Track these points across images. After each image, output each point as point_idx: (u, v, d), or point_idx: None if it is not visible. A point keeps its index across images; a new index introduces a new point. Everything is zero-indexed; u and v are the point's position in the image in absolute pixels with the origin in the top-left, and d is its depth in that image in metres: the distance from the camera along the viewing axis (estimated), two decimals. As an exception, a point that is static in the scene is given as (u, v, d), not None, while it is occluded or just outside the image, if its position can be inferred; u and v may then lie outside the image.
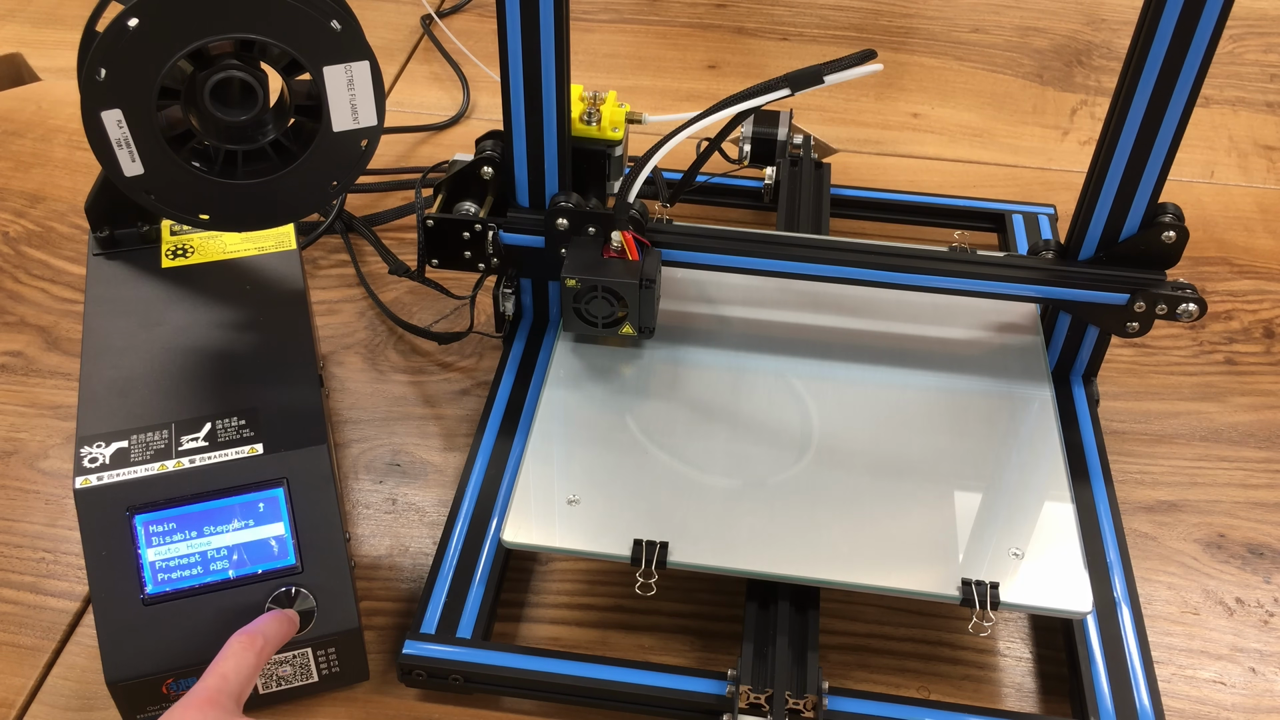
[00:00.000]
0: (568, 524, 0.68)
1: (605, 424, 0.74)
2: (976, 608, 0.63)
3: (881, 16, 1.31)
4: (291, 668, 0.65)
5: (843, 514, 0.68)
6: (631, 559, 0.66)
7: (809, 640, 0.66)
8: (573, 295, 0.75)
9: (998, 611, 0.63)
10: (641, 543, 0.66)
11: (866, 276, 0.78)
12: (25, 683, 0.69)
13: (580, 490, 0.70)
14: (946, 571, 0.65)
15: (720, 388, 0.77)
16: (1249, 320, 0.94)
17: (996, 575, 0.64)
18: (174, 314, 0.71)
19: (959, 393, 0.76)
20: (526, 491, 0.70)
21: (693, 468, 0.71)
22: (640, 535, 0.67)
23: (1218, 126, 1.16)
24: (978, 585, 0.64)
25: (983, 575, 0.64)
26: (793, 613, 0.68)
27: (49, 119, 1.13)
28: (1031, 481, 0.71)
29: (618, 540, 0.67)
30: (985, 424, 0.74)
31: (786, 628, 0.67)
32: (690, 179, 0.81)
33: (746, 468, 0.71)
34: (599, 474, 0.71)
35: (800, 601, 0.69)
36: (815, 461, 0.71)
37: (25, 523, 0.78)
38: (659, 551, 0.66)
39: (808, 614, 0.68)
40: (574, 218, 0.77)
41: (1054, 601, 0.64)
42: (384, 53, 1.21)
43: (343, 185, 0.68)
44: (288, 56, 0.63)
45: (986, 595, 0.63)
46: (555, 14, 0.71)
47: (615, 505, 0.69)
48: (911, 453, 0.72)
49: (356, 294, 0.95)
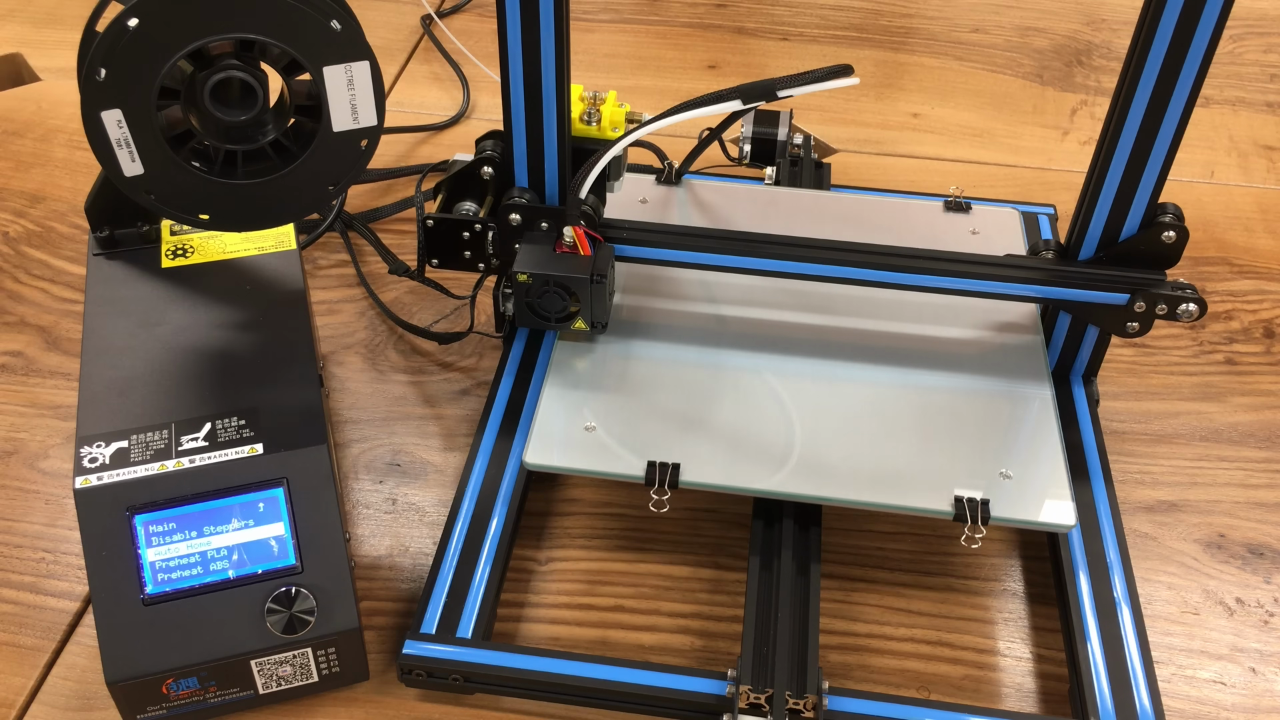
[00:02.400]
0: (586, 448, 0.72)
1: (620, 359, 0.77)
2: (968, 522, 0.68)
3: (881, 16, 1.31)
4: (291, 668, 0.65)
5: (844, 440, 0.73)
6: (645, 479, 0.70)
7: (809, 640, 0.67)
8: (525, 290, 0.76)
9: (987, 526, 0.68)
10: (655, 464, 0.70)
11: (867, 277, 0.78)
12: (25, 683, 0.69)
13: (597, 419, 0.73)
14: (940, 491, 0.69)
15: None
16: (1249, 320, 0.94)
17: (987, 494, 0.69)
18: (174, 314, 0.71)
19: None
20: (547, 418, 0.74)
21: (702, 402, 0.75)
22: (654, 458, 0.70)
23: (1218, 126, 1.16)
24: (969, 502, 0.68)
25: (974, 494, 0.68)
26: (796, 530, 0.72)
27: (49, 119, 1.13)
28: (1023, 417, 0.75)
29: (632, 462, 0.71)
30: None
31: (790, 542, 0.72)
32: (685, 166, 0.85)
33: (750, 411, 0.74)
34: (614, 405, 0.75)
35: (803, 520, 0.73)
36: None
37: (25, 523, 0.78)
38: (671, 472, 0.70)
39: (809, 531, 0.73)
40: (526, 213, 0.78)
41: (1040, 516, 0.68)
42: (384, 53, 1.21)
43: (342, 185, 0.68)
44: (288, 56, 0.63)
45: (978, 511, 0.68)
46: (555, 14, 0.71)
47: (630, 432, 0.73)
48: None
49: (356, 294, 0.95)
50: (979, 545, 0.72)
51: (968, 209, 0.91)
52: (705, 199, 0.91)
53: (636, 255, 0.80)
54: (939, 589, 0.75)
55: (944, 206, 0.91)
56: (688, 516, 0.79)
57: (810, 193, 0.93)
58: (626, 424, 0.73)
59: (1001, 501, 0.69)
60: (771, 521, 0.74)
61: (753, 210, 0.90)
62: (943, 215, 0.90)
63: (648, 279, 0.83)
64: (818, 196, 0.92)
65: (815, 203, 0.91)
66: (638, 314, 0.81)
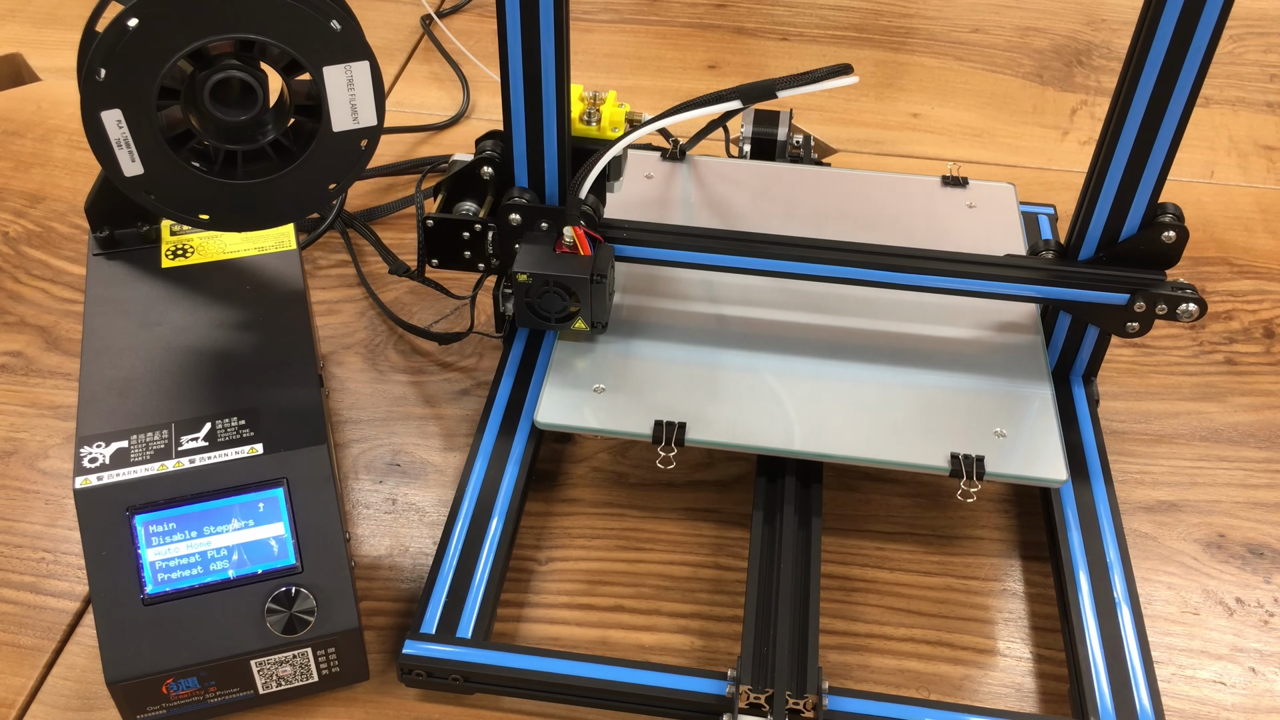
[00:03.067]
0: (595, 408, 0.75)
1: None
2: (964, 478, 0.70)
3: (881, 16, 1.31)
4: (291, 668, 0.65)
5: (845, 401, 0.75)
6: (653, 437, 0.72)
7: (809, 640, 0.67)
8: (524, 290, 0.76)
9: (982, 481, 0.71)
10: (662, 423, 0.73)
11: (867, 277, 0.78)
12: (25, 683, 0.69)
13: (606, 381, 0.76)
14: (937, 448, 0.72)
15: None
16: (1249, 320, 0.94)
17: (982, 451, 0.71)
18: (174, 314, 0.71)
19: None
20: (557, 379, 0.76)
21: (707, 366, 0.77)
22: (660, 418, 0.73)
23: (1218, 126, 1.16)
24: (965, 458, 0.71)
25: (970, 450, 0.71)
26: (798, 487, 0.75)
27: (49, 119, 1.13)
28: (1016, 376, 0.77)
29: (640, 421, 0.73)
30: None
31: (793, 499, 0.74)
32: (692, 145, 0.89)
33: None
34: (622, 368, 0.77)
35: (805, 477, 0.76)
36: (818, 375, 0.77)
37: (25, 523, 0.78)
38: (678, 431, 0.72)
39: (811, 488, 0.75)
40: (526, 213, 0.78)
41: (1032, 471, 0.71)
42: (384, 53, 1.21)
43: (343, 185, 0.68)
44: (288, 56, 0.63)
45: (974, 467, 0.70)
46: (555, 14, 0.71)
47: (638, 393, 0.76)
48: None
49: (356, 294, 0.95)
50: (973, 500, 0.76)
51: (965, 184, 0.92)
52: (708, 175, 0.93)
53: (636, 255, 0.80)
54: (939, 589, 0.75)
55: (941, 182, 0.93)
56: (688, 516, 0.79)
57: (811, 169, 0.94)
58: (634, 390, 0.76)
59: (995, 459, 0.71)
60: (775, 478, 0.76)
61: (755, 184, 0.92)
62: (940, 190, 0.92)
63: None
64: (819, 173, 0.94)
65: (816, 178, 0.93)
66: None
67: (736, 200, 0.90)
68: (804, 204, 0.84)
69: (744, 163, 0.94)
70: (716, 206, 0.90)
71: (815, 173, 0.94)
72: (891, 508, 0.79)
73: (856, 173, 0.94)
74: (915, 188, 0.92)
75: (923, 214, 0.89)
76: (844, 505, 0.79)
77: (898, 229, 0.87)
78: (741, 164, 0.94)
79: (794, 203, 0.86)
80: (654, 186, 0.92)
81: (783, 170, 0.93)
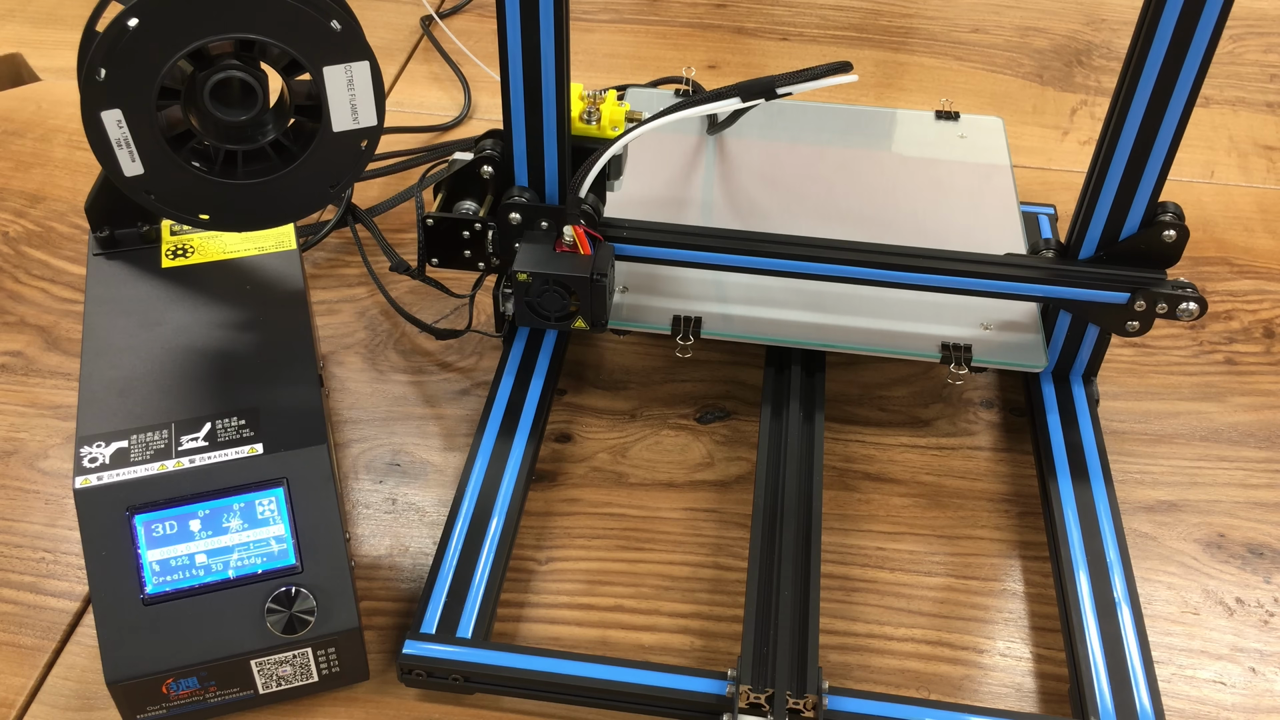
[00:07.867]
0: (617, 306, 0.80)
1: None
2: (953, 365, 0.78)
3: (881, 16, 1.31)
4: (291, 668, 0.65)
5: (844, 301, 0.82)
6: (672, 330, 0.79)
7: (809, 640, 0.67)
8: (524, 289, 0.76)
9: (969, 365, 0.78)
10: (679, 318, 0.79)
11: (868, 276, 0.78)
12: (25, 683, 0.69)
13: (628, 281, 0.83)
14: (929, 340, 0.79)
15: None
16: (1249, 320, 0.94)
17: (969, 341, 0.79)
18: (174, 314, 0.71)
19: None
20: None
21: (721, 270, 0.81)
22: (678, 313, 0.80)
23: (1218, 126, 1.16)
24: (955, 347, 0.78)
25: (959, 341, 0.79)
26: (803, 376, 0.82)
27: (49, 119, 1.13)
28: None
29: (659, 315, 0.80)
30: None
31: (799, 389, 0.81)
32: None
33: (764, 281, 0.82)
34: (644, 270, 0.83)
35: (809, 367, 0.83)
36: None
37: (25, 523, 0.78)
38: (694, 324, 0.79)
39: (815, 377, 0.82)
40: (526, 212, 0.78)
41: (1014, 358, 0.78)
42: (384, 53, 1.21)
43: (343, 185, 0.68)
44: (288, 56, 0.63)
45: (962, 355, 0.78)
46: (555, 14, 0.71)
47: (657, 293, 0.82)
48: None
49: (356, 294, 0.95)
50: (961, 383, 0.86)
51: (956, 118, 0.98)
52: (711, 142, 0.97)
53: (637, 254, 0.80)
54: (939, 589, 0.75)
55: (935, 115, 0.99)
56: (688, 516, 0.79)
57: (812, 104, 1.00)
58: (653, 288, 0.82)
59: (981, 348, 0.79)
60: (782, 368, 0.83)
61: (760, 119, 0.97)
62: (933, 123, 0.98)
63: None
64: (820, 110, 1.00)
65: (818, 116, 0.99)
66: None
67: (740, 134, 0.95)
68: (805, 137, 0.90)
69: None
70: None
71: (817, 109, 0.99)
72: (891, 508, 0.79)
73: (854, 108, 1.00)
74: (909, 121, 0.99)
75: (918, 147, 0.95)
76: (844, 505, 0.79)
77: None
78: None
79: (796, 134, 0.92)
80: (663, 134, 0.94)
81: (787, 107, 0.98)
